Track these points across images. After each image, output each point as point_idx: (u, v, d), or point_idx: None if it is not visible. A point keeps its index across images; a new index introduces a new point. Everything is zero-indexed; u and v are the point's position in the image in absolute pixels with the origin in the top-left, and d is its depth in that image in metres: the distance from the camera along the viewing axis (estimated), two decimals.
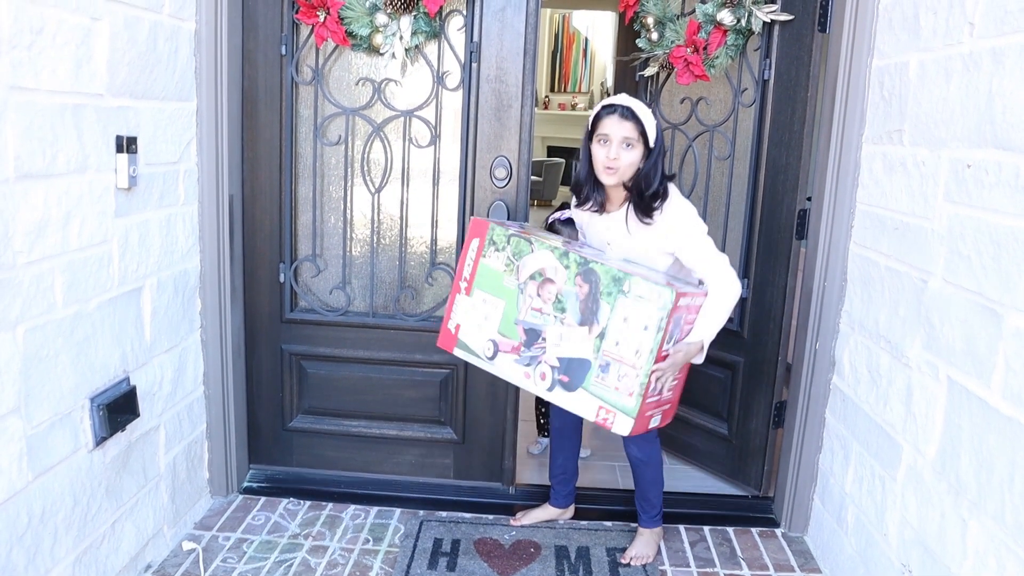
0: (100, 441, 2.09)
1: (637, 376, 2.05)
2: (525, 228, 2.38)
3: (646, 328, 2.02)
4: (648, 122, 2.21)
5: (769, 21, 2.70)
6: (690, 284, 2.22)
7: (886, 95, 2.28)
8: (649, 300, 2.01)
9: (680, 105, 3.17)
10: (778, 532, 2.83)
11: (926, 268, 1.99)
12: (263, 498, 2.90)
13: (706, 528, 2.84)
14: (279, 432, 3.00)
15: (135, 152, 2.15)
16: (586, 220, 2.44)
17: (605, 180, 2.25)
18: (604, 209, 2.36)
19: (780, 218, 2.84)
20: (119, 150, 2.09)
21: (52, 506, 1.92)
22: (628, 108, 2.19)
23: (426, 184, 2.81)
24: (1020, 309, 1.60)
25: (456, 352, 2.36)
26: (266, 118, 2.73)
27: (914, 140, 2.09)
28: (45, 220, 1.82)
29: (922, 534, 1.96)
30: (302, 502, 2.88)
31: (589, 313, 2.10)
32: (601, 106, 2.23)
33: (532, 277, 2.18)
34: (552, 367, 2.18)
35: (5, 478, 1.75)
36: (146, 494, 2.38)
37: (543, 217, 2.95)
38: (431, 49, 2.70)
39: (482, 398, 2.93)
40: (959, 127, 1.86)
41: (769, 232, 2.88)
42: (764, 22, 2.70)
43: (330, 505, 2.88)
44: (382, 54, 2.60)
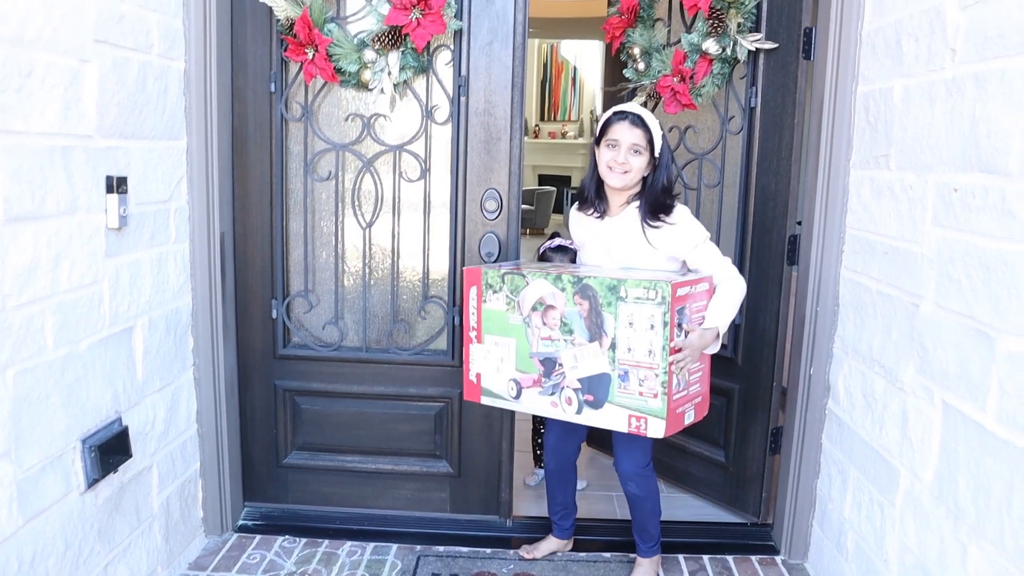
0: (92, 483, 2.07)
1: (657, 376, 2.06)
2: (517, 265, 2.39)
3: (652, 327, 2.04)
4: (656, 131, 2.29)
5: (754, 50, 2.74)
6: (684, 275, 2.23)
7: (872, 120, 2.30)
8: (648, 299, 2.03)
9: (668, 134, 3.18)
10: (778, 559, 2.81)
11: (917, 292, 2.00)
12: (258, 536, 2.86)
13: (705, 557, 2.81)
14: (273, 469, 2.98)
15: (125, 192, 2.15)
16: (585, 226, 2.47)
17: (611, 181, 2.31)
18: (605, 215, 2.41)
19: (771, 244, 2.85)
20: (109, 190, 2.09)
21: (43, 550, 1.90)
22: (638, 116, 2.28)
23: (417, 218, 2.82)
24: (1012, 332, 1.60)
25: (484, 400, 2.38)
26: (256, 155, 2.74)
27: (901, 165, 2.11)
28: (35, 262, 1.82)
29: (922, 559, 1.94)
30: (298, 539, 2.85)
31: (595, 328, 2.11)
32: (612, 112, 2.31)
33: (534, 308, 2.20)
34: (575, 390, 2.19)
35: None
36: (139, 535, 2.36)
37: (535, 245, 2.96)
38: (419, 84, 2.71)
39: (477, 431, 2.91)
40: (945, 151, 1.88)
41: (760, 258, 2.89)
42: (749, 51, 2.73)
43: (326, 542, 2.84)
44: (371, 90, 2.62)
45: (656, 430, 2.10)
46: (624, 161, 2.27)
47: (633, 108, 2.31)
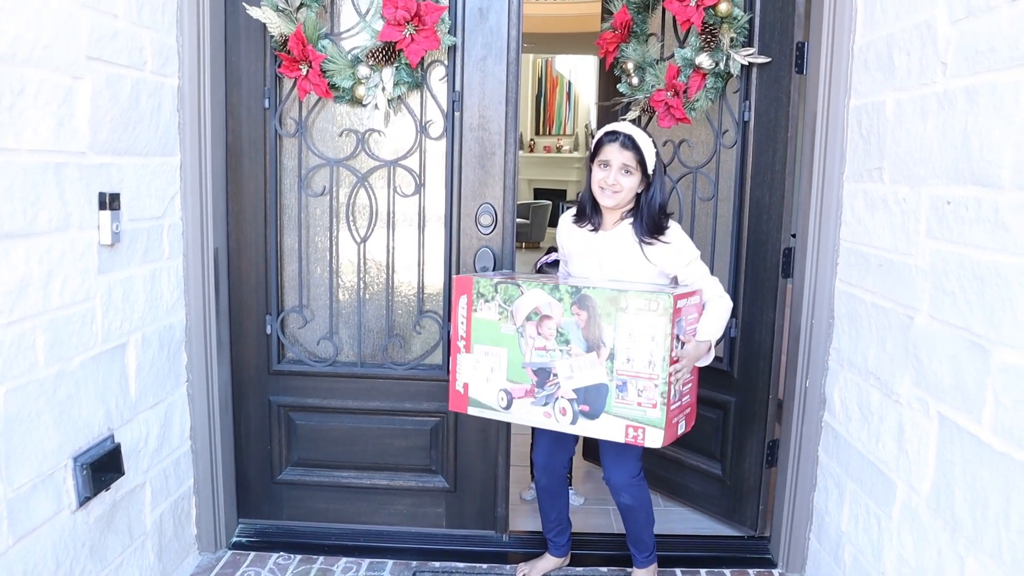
0: (84, 501, 2.05)
1: (657, 387, 2.06)
2: (509, 275, 2.38)
3: (653, 338, 2.04)
4: (648, 151, 2.30)
5: (747, 64, 2.75)
6: (676, 289, 2.24)
7: (864, 133, 2.30)
8: (650, 310, 2.03)
9: (663, 148, 3.18)
10: (775, 573, 2.80)
11: (912, 304, 2.00)
12: (252, 553, 2.84)
13: (703, 571, 2.80)
14: (268, 485, 2.96)
15: (118, 208, 2.15)
16: (577, 238, 2.47)
17: (603, 201, 2.33)
18: (599, 229, 2.42)
19: (765, 257, 2.85)
20: (102, 207, 2.09)
21: (34, 570, 1.88)
22: (629, 137, 2.28)
23: (412, 233, 2.82)
24: (1007, 344, 1.60)
25: (471, 411, 2.34)
26: (250, 171, 2.74)
27: (894, 177, 2.11)
28: (26, 279, 1.81)
29: (920, 572, 1.93)
30: (292, 556, 2.83)
31: (594, 338, 2.11)
32: (604, 132, 2.33)
33: (529, 318, 2.19)
34: (570, 400, 2.18)
35: None
36: (132, 553, 2.34)
37: (530, 259, 2.96)
38: (414, 99, 2.72)
39: (473, 445, 2.90)
40: (937, 164, 1.88)
41: (755, 271, 2.89)
42: (742, 65, 2.74)
43: (321, 558, 2.82)
44: (365, 105, 2.62)
45: (654, 440, 2.09)
46: (615, 182, 2.29)
47: (624, 128, 2.31)
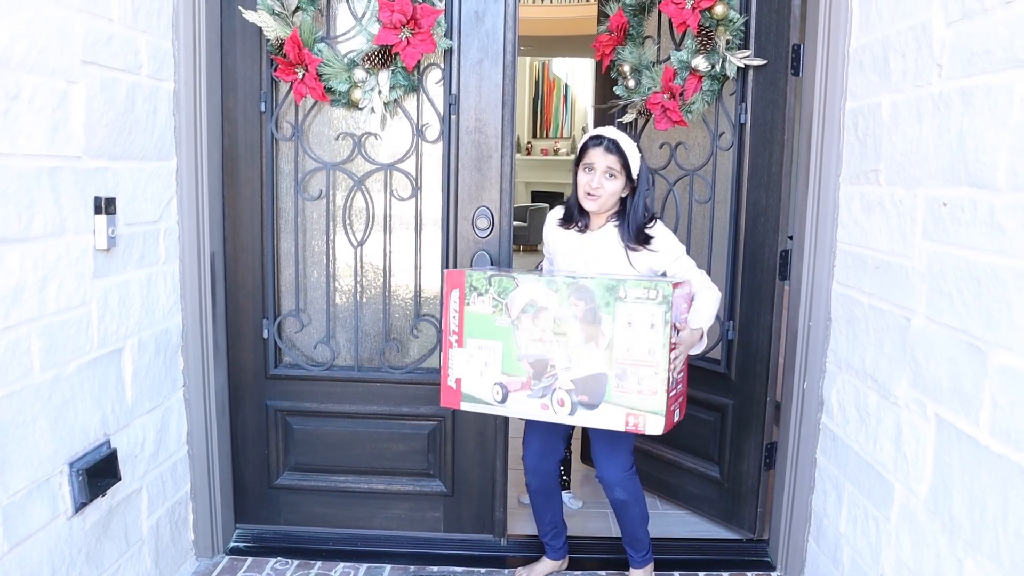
0: (80, 507, 2.05)
1: (657, 374, 2.06)
2: (503, 270, 2.38)
3: (653, 326, 2.04)
4: (632, 155, 2.31)
5: (743, 66, 2.75)
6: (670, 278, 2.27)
7: (861, 136, 2.30)
8: (649, 299, 2.04)
9: (659, 150, 3.20)
10: None
11: (909, 306, 2.00)
12: (250, 558, 2.84)
13: (701, 574, 2.79)
14: (265, 490, 2.95)
15: (114, 213, 2.14)
16: (563, 237, 2.48)
17: (587, 206, 2.35)
18: (587, 229, 2.43)
19: (763, 259, 2.85)
20: (97, 211, 2.08)
21: None
22: (613, 141, 2.30)
23: (408, 236, 2.81)
24: (1004, 346, 1.60)
25: (464, 406, 2.31)
26: (247, 175, 2.74)
27: (890, 179, 2.11)
28: (22, 284, 1.81)
29: (918, 575, 1.93)
30: (290, 561, 2.82)
31: (592, 328, 2.10)
32: (589, 136, 2.34)
33: (524, 310, 2.18)
34: (568, 391, 2.16)
35: None
36: (128, 560, 2.33)
37: (527, 263, 2.96)
38: (410, 103, 2.72)
39: (471, 449, 2.89)
40: (933, 166, 1.88)
41: (752, 273, 2.89)
42: (738, 67, 2.75)
43: (319, 563, 2.82)
44: (361, 109, 2.62)
45: (655, 427, 2.09)
46: (599, 185, 2.30)
47: (609, 133, 2.33)
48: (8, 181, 1.75)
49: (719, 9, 2.67)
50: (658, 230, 2.37)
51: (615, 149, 2.29)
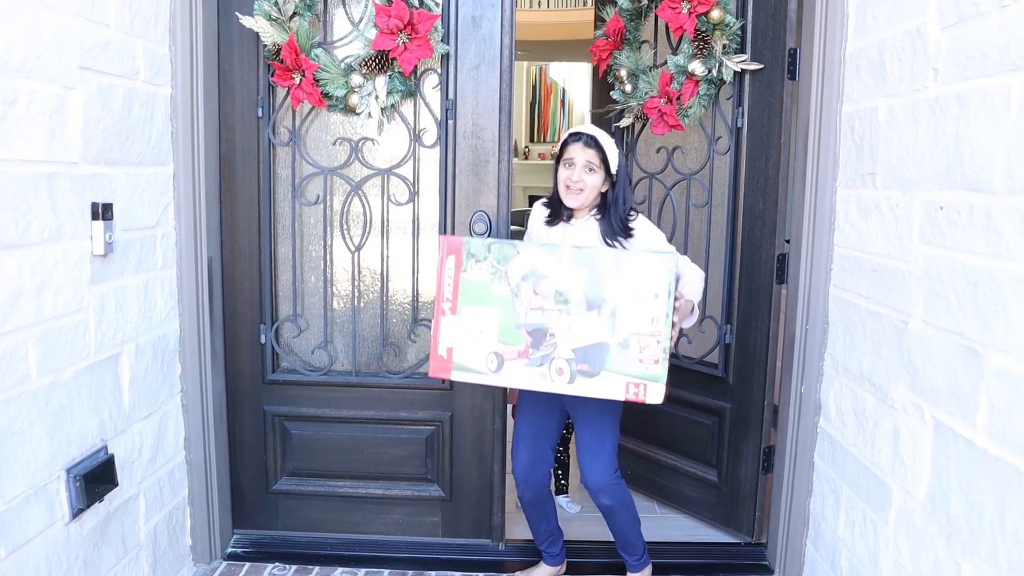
0: (77, 513, 2.04)
1: (659, 343, 2.06)
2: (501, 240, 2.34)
3: (656, 296, 2.05)
4: (610, 150, 2.37)
5: (739, 71, 2.76)
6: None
7: (857, 139, 2.31)
8: (653, 269, 2.04)
9: (656, 155, 3.20)
10: None
11: (906, 310, 2.00)
12: (248, 564, 2.83)
13: None
14: (263, 495, 2.95)
15: (111, 218, 2.14)
16: (547, 230, 2.50)
17: (568, 202, 2.39)
18: (571, 219, 2.47)
19: (760, 263, 2.85)
20: (94, 217, 2.08)
21: None
22: (592, 136, 2.35)
23: (406, 241, 2.81)
24: (1000, 349, 1.60)
25: (455, 375, 2.24)
26: (244, 180, 2.74)
27: (887, 183, 2.11)
28: (18, 290, 1.81)
29: None
30: (288, 566, 2.82)
31: (595, 297, 2.09)
32: (569, 133, 2.39)
33: (525, 278, 2.15)
34: (568, 360, 2.14)
35: None
36: (125, 565, 2.32)
37: None
38: (407, 107, 2.72)
39: (469, 454, 2.89)
40: (929, 169, 1.88)
41: (750, 277, 2.90)
42: (735, 72, 2.75)
43: (317, 568, 2.81)
44: (358, 114, 2.62)
45: (656, 395, 2.09)
46: (579, 179, 2.35)
47: (587, 129, 2.38)
48: (5, 187, 1.75)
49: (715, 14, 2.68)
50: (639, 222, 2.41)
51: (594, 144, 2.33)
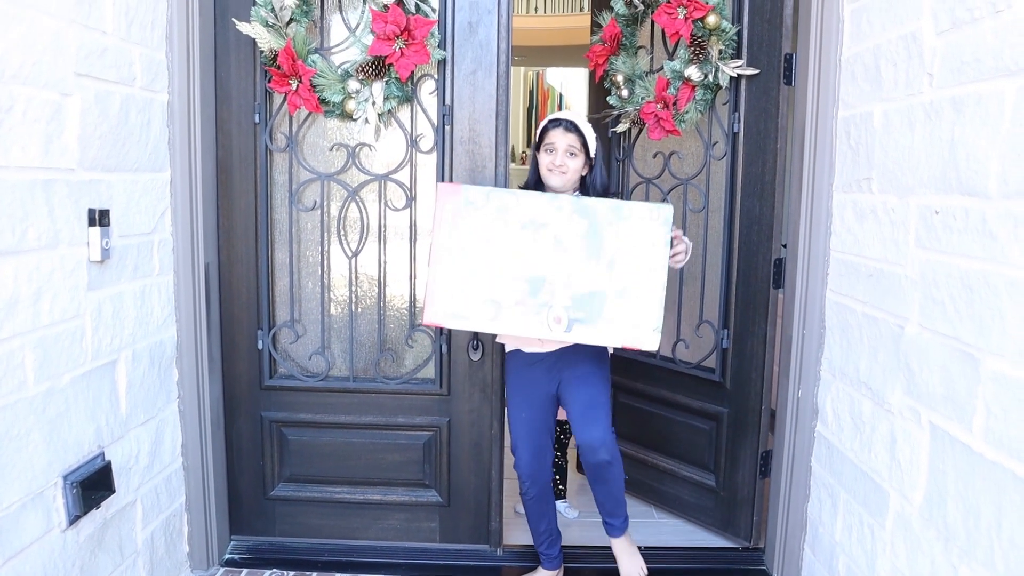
0: (74, 520, 2.04)
1: (654, 292, 2.10)
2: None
3: (654, 245, 2.09)
4: (589, 135, 2.46)
5: (736, 76, 2.76)
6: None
7: (853, 144, 2.31)
8: (652, 219, 2.09)
9: (653, 160, 3.21)
10: None
11: (902, 314, 2.00)
12: (245, 570, 2.82)
13: None
14: (261, 501, 2.94)
15: (108, 225, 2.14)
16: None
17: (552, 183, 2.44)
18: None
19: (757, 268, 2.86)
20: (91, 223, 2.08)
21: None
22: (571, 122, 2.43)
23: (403, 247, 2.82)
24: (996, 353, 1.60)
25: (450, 324, 2.22)
26: (241, 186, 2.74)
27: (883, 188, 2.12)
28: (15, 297, 1.80)
29: None
30: (286, 573, 2.81)
31: (593, 246, 2.11)
32: (548, 120, 2.46)
33: (524, 227, 2.16)
34: (566, 307, 2.16)
35: None
36: (123, 572, 2.32)
37: None
38: (404, 113, 2.72)
39: (466, 459, 2.89)
40: (925, 174, 1.89)
41: (746, 282, 2.90)
42: (731, 77, 2.76)
43: (314, 574, 2.80)
44: (355, 120, 2.62)
45: (652, 343, 2.13)
46: (561, 163, 2.42)
47: (567, 115, 2.46)
48: (1, 193, 1.75)
49: (711, 19, 2.68)
50: None
51: (574, 129, 2.42)
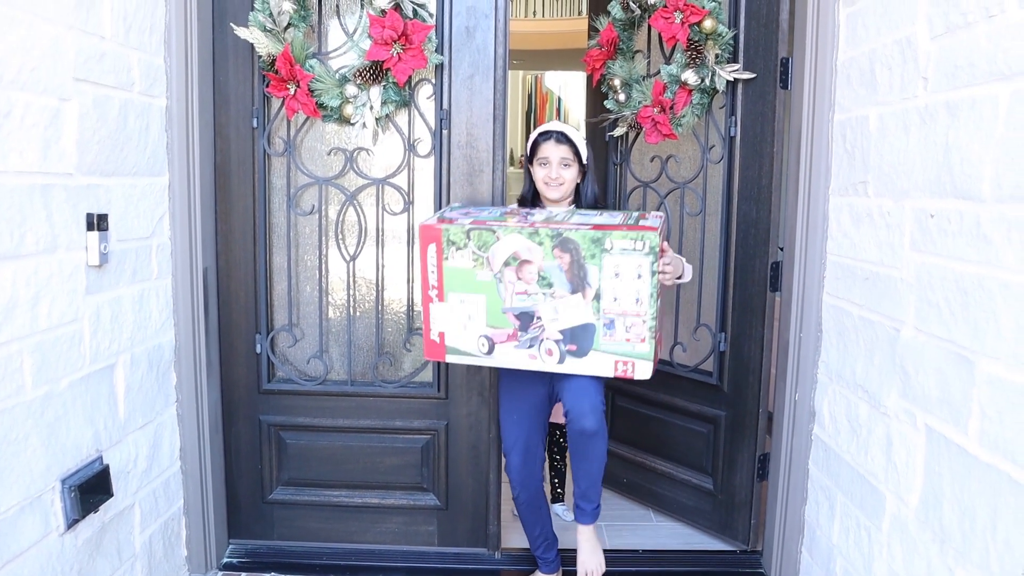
0: (72, 524, 2.04)
1: (645, 322, 2.07)
2: (476, 214, 2.29)
3: (640, 276, 2.04)
4: (581, 144, 2.49)
5: (732, 80, 2.77)
6: (650, 216, 2.22)
7: (849, 148, 2.32)
8: (635, 250, 2.03)
9: (650, 164, 3.22)
10: None
11: (898, 317, 2.01)
12: (243, 574, 2.83)
13: None
14: (259, 505, 2.95)
15: (106, 229, 2.15)
16: None
17: (549, 195, 2.48)
18: None
19: (754, 271, 2.86)
20: (89, 228, 2.09)
21: None
22: (562, 133, 2.47)
23: (401, 251, 2.82)
24: (991, 356, 1.61)
25: (449, 359, 2.27)
26: (239, 190, 2.75)
27: (878, 191, 2.13)
28: (13, 301, 1.81)
29: None
30: None
31: (578, 280, 2.09)
32: (538, 133, 2.48)
33: (507, 263, 2.14)
34: (556, 341, 2.16)
35: None
36: None
37: None
38: (402, 118, 2.73)
39: (464, 462, 2.89)
40: (920, 178, 1.90)
41: (744, 285, 2.91)
42: (728, 81, 2.77)
43: None
44: (353, 124, 2.63)
45: (644, 372, 2.11)
46: (557, 175, 2.46)
47: (556, 127, 2.48)
48: (0, 198, 1.75)
49: (708, 23, 2.69)
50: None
51: (565, 140, 2.44)
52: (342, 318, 2.87)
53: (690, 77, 2.79)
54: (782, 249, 2.77)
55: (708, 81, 2.78)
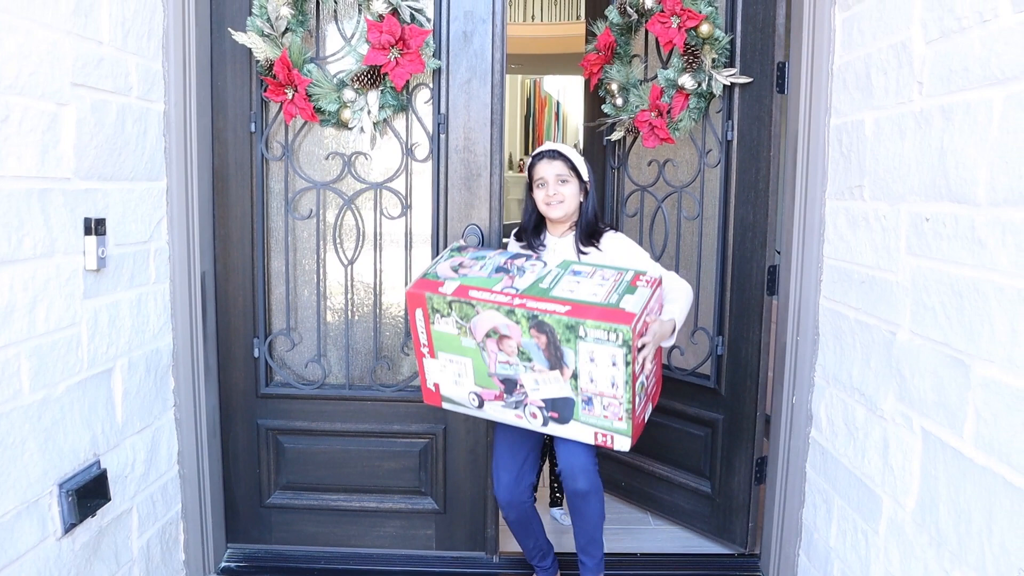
0: (69, 528, 2.04)
1: (621, 404, 2.08)
2: (471, 272, 2.28)
3: (614, 364, 2.03)
4: (576, 158, 2.43)
5: (729, 84, 2.78)
6: (642, 283, 2.17)
7: (845, 152, 2.33)
8: (608, 341, 2.00)
9: (648, 168, 3.22)
10: None
11: (894, 320, 2.01)
12: None
13: None
14: (257, 509, 2.95)
15: (104, 233, 2.15)
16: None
17: (552, 214, 2.43)
18: (545, 243, 2.52)
19: (751, 275, 2.87)
20: (87, 232, 2.09)
21: None
22: (554, 150, 2.43)
23: (399, 255, 2.83)
24: (986, 358, 1.61)
25: (445, 406, 2.35)
26: (237, 195, 2.75)
27: (874, 195, 2.13)
28: (11, 306, 1.81)
29: None
30: None
31: (555, 359, 2.10)
32: (531, 157, 2.45)
33: (488, 335, 2.16)
34: (539, 407, 2.19)
35: None
36: None
37: None
38: (399, 122, 2.74)
39: (462, 466, 2.90)
40: (915, 181, 1.90)
41: (741, 289, 2.91)
42: (724, 85, 2.77)
43: None
44: (351, 129, 2.63)
45: (623, 445, 2.14)
46: (555, 193, 2.40)
47: (548, 146, 2.45)
48: None
49: (705, 28, 2.70)
50: (610, 240, 2.44)
51: (557, 156, 2.40)
52: (340, 322, 2.88)
53: (687, 81, 2.80)
54: (779, 253, 2.78)
55: (705, 85, 2.78)
